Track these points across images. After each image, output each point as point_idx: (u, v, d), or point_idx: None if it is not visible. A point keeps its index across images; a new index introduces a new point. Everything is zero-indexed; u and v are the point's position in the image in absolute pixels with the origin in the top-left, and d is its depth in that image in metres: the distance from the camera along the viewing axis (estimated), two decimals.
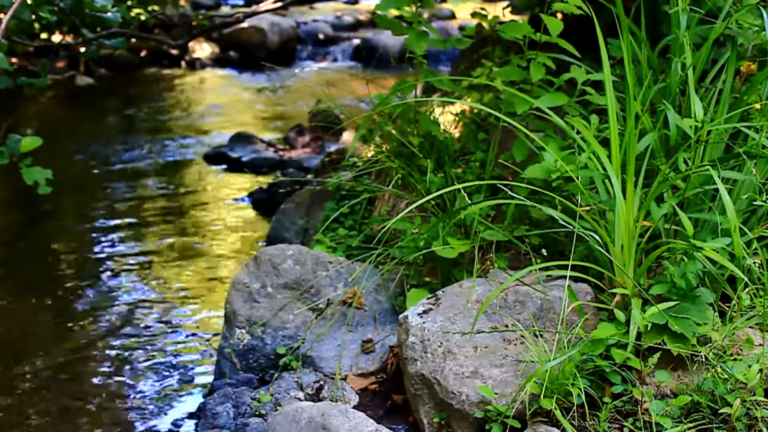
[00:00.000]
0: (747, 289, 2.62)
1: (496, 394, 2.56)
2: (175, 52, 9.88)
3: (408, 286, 3.30)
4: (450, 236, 3.21)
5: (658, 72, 3.35)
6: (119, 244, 5.04)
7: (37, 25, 7.08)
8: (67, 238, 5.21)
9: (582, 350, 2.56)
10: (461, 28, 5.66)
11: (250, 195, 5.81)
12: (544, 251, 3.05)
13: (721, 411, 2.41)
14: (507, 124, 3.05)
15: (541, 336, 2.74)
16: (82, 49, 8.09)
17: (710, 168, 2.69)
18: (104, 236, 5.16)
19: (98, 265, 4.73)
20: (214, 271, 4.68)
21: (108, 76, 9.25)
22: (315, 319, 3.30)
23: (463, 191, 3.20)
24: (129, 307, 4.24)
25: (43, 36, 8.00)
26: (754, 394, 2.40)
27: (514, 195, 2.95)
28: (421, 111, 3.83)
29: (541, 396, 2.47)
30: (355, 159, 4.08)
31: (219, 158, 6.60)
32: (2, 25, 3.41)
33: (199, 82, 9.38)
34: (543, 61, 3.40)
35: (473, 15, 4.29)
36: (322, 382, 3.11)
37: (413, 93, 3.92)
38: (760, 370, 2.39)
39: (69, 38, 6.83)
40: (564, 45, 3.37)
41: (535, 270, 2.81)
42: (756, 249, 2.71)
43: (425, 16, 6.04)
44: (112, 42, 6.33)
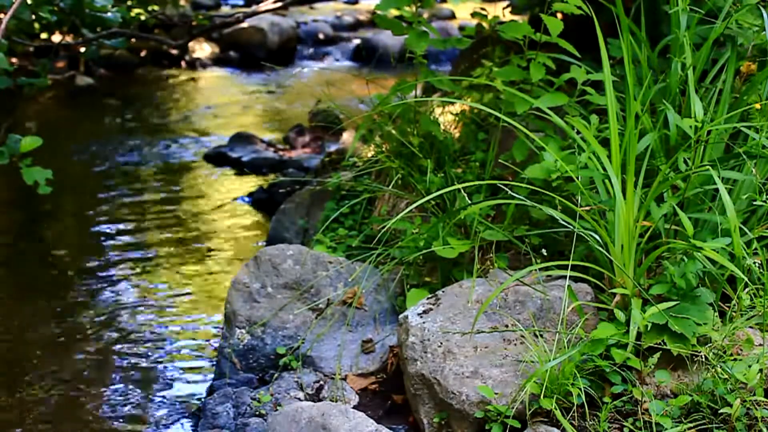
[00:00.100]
0: (747, 289, 2.62)
1: (496, 394, 2.57)
2: (175, 52, 9.87)
3: (408, 286, 3.30)
4: (450, 236, 3.21)
5: (658, 72, 3.35)
6: (119, 243, 5.04)
7: (37, 25, 7.08)
8: (67, 238, 5.20)
9: (582, 350, 2.56)
10: (461, 28, 5.66)
11: (250, 195, 5.81)
12: (544, 251, 3.05)
13: (721, 411, 2.41)
14: (507, 124, 3.05)
15: (541, 336, 2.74)
16: (82, 49, 8.09)
17: (710, 168, 2.69)
18: (104, 236, 5.16)
19: (98, 264, 4.73)
20: (214, 271, 4.67)
21: (108, 76, 9.23)
22: (315, 319, 3.30)
23: (463, 191, 3.20)
24: (129, 307, 4.24)
25: (43, 36, 7.99)
26: (754, 394, 2.40)
27: (514, 195, 2.95)
28: (421, 111, 3.83)
29: (541, 396, 2.47)
30: (355, 159, 4.08)
31: (219, 158, 6.58)
32: (2, 25, 3.41)
33: (199, 82, 9.38)
34: (543, 61, 3.40)
35: (473, 15, 4.29)
36: (322, 382, 3.10)
37: (413, 93, 3.92)
38: (760, 370, 2.39)
39: (69, 38, 6.84)
40: (564, 45, 3.37)
41: (535, 270, 2.81)
42: (756, 249, 2.71)
43: (425, 16, 6.03)
44: (112, 42, 6.34)
